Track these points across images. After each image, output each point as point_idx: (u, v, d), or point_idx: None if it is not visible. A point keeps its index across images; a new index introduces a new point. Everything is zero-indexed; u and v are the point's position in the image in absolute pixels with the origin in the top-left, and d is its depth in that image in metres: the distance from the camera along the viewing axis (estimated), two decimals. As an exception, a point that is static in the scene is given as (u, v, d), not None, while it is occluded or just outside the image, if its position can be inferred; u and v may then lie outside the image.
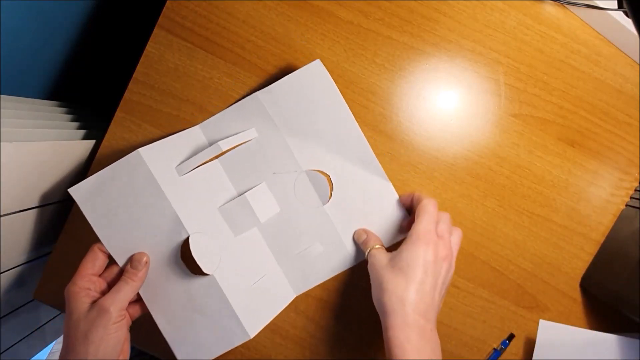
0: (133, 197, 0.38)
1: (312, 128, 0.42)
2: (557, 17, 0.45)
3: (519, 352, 0.48)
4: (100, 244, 0.39)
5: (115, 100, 0.46)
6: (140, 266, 0.38)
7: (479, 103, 0.46)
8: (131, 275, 0.37)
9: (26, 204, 0.44)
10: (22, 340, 0.64)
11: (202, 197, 0.40)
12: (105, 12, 0.72)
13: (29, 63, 0.61)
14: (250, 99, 0.42)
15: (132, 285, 0.37)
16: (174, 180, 0.39)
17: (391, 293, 0.35)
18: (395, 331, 0.33)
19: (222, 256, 0.40)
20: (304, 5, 0.45)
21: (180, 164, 0.40)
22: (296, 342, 0.47)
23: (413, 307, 0.34)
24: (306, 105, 0.42)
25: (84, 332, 0.35)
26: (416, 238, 0.36)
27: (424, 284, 0.35)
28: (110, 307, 0.35)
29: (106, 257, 0.40)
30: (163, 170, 0.38)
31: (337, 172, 0.43)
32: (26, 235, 0.47)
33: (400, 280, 0.35)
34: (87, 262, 0.38)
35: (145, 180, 0.37)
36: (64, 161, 0.46)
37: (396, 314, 0.34)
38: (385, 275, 0.36)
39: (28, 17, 0.56)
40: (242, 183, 0.43)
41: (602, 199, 0.47)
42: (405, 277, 0.35)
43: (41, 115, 0.52)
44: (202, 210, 0.40)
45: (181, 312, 0.39)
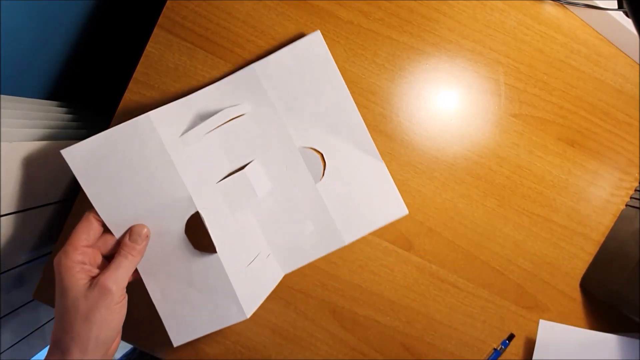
0: (138, 164, 0.35)
1: (307, 104, 0.41)
2: (557, 17, 0.46)
3: (519, 352, 0.48)
4: (95, 213, 0.36)
5: (115, 100, 0.46)
6: (141, 239, 0.35)
7: (479, 103, 0.46)
8: (130, 250, 0.35)
9: (26, 204, 0.44)
10: (22, 340, 0.64)
11: (203, 171, 0.39)
12: (105, 12, 0.72)
13: (29, 63, 0.61)
14: (245, 71, 0.41)
15: (132, 260, 0.35)
16: (181, 150, 0.37)
17: None
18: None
19: (224, 234, 0.38)
20: (304, 5, 0.45)
21: (184, 132, 0.37)
22: (296, 342, 0.47)
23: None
24: (302, 80, 0.41)
25: (84, 312, 0.32)
26: None
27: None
28: (112, 286, 0.33)
29: (101, 226, 0.36)
30: (171, 138, 0.36)
31: (330, 151, 0.43)
32: (26, 235, 0.47)
33: None
34: (80, 232, 0.35)
35: (154, 147, 0.34)
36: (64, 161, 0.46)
37: None
38: None
39: (28, 17, 0.56)
40: (236, 158, 0.42)
41: (602, 199, 0.47)
42: None
43: (41, 115, 0.52)
44: (205, 184, 0.38)
45: (178, 287, 0.38)
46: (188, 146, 0.37)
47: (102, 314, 0.33)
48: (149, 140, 0.34)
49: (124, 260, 0.34)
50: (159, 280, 0.38)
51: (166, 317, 0.38)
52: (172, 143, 0.36)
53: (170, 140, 0.36)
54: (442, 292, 0.47)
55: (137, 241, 0.35)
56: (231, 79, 0.41)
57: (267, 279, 0.43)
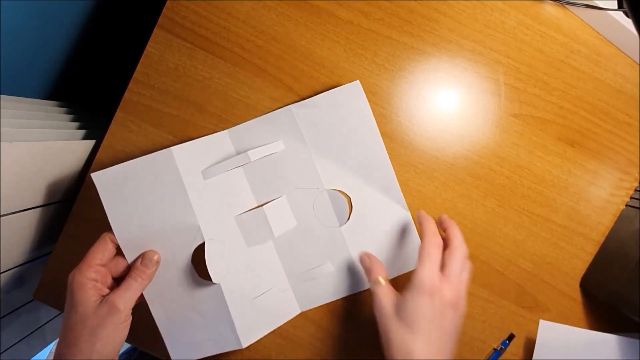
0: (156, 194, 0.37)
1: (340, 148, 0.43)
2: (557, 17, 0.46)
3: (519, 352, 0.48)
4: (111, 234, 0.38)
5: (115, 100, 0.46)
6: (151, 264, 0.37)
7: (479, 103, 0.46)
8: (141, 273, 0.37)
9: (26, 204, 0.44)
10: (22, 340, 0.64)
11: (222, 204, 0.41)
12: (105, 12, 0.72)
13: (29, 63, 0.61)
14: (282, 111, 0.43)
15: (141, 283, 0.36)
16: (199, 183, 0.39)
17: (398, 346, 0.34)
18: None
19: (232, 265, 0.40)
20: (304, 5, 0.45)
21: (207, 168, 0.40)
22: (296, 343, 0.47)
23: (422, 357, 0.33)
24: (338, 125, 0.42)
25: (91, 328, 0.34)
26: (419, 288, 0.35)
27: (429, 335, 0.34)
28: (121, 305, 0.34)
29: (115, 248, 0.39)
30: (190, 172, 0.38)
31: (358, 195, 0.44)
32: (26, 235, 0.47)
33: (405, 332, 0.34)
34: (96, 252, 0.37)
35: (172, 180, 0.37)
36: (64, 161, 0.46)
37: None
38: (391, 325, 0.35)
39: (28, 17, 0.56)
40: (263, 194, 0.43)
41: (602, 199, 0.47)
42: (411, 329, 0.34)
43: (41, 115, 0.52)
44: (220, 216, 0.40)
45: (180, 310, 0.39)
46: (209, 178, 0.39)
47: (108, 330, 0.34)
48: (168, 172, 0.37)
49: (133, 282, 0.36)
50: (162, 301, 0.39)
51: (167, 335, 0.40)
52: (191, 176, 0.38)
53: (189, 173, 0.38)
54: (442, 292, 0.47)
55: (148, 266, 0.37)
56: (267, 117, 0.43)
57: (278, 313, 0.44)
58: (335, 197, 0.43)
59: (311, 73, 0.45)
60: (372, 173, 0.43)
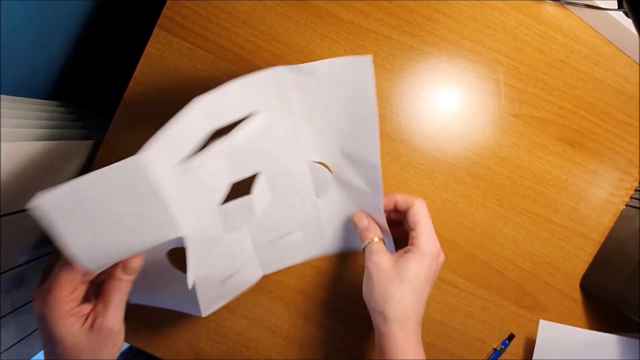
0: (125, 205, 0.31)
1: (329, 123, 0.38)
2: (557, 17, 0.46)
3: (519, 352, 0.48)
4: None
5: (115, 100, 0.46)
6: (134, 271, 0.33)
7: (479, 103, 0.46)
8: (124, 282, 0.33)
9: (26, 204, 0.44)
10: (22, 340, 0.64)
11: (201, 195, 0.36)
12: (105, 12, 0.72)
13: (29, 63, 0.61)
14: (268, 75, 0.35)
15: (126, 292, 0.34)
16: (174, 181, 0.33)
17: (397, 302, 0.36)
18: (399, 340, 0.35)
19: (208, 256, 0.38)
20: (304, 5, 0.45)
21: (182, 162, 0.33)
22: (296, 342, 0.47)
23: (417, 317, 0.37)
24: (333, 100, 0.37)
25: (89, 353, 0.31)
26: (424, 252, 0.37)
27: (424, 293, 0.37)
28: (116, 326, 0.32)
29: (81, 270, 0.32)
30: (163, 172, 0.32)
31: (337, 170, 0.42)
32: (26, 235, 0.47)
33: (406, 291, 0.36)
34: (63, 284, 0.31)
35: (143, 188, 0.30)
36: (64, 161, 0.46)
37: (401, 323, 0.36)
38: (391, 282, 0.37)
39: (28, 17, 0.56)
40: (238, 169, 0.38)
41: (602, 199, 0.47)
42: (412, 288, 0.36)
43: (41, 115, 0.52)
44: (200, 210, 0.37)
45: (148, 278, 0.36)
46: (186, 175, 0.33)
47: (110, 351, 0.33)
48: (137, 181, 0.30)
49: (118, 294, 0.33)
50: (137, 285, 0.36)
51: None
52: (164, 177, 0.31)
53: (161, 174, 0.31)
54: (442, 292, 0.47)
55: (130, 273, 0.33)
56: (248, 82, 0.35)
57: (242, 282, 0.43)
58: (317, 169, 0.41)
59: (311, 73, 0.45)
60: (357, 153, 0.40)
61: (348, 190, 0.43)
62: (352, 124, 0.38)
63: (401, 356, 0.35)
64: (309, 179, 0.42)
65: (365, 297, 0.38)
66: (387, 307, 0.36)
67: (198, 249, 0.35)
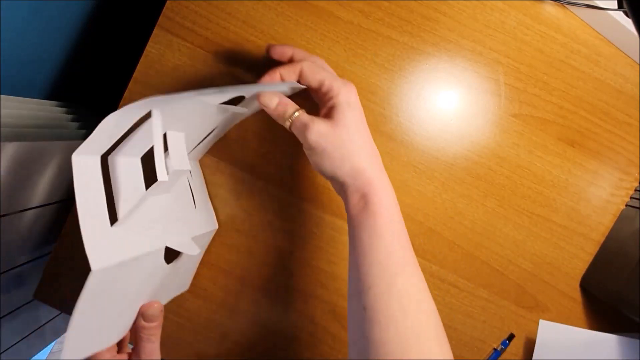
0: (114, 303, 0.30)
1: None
2: (557, 17, 0.45)
3: (519, 352, 0.48)
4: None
5: (115, 100, 0.46)
6: (157, 317, 0.33)
7: (479, 103, 0.46)
8: (152, 330, 0.33)
9: (26, 204, 0.44)
10: (22, 340, 0.64)
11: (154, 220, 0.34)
12: (105, 12, 0.72)
13: (29, 63, 0.61)
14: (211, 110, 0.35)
15: (157, 340, 0.33)
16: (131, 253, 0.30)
17: (360, 149, 0.33)
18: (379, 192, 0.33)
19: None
20: (304, 5, 0.45)
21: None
22: (296, 342, 0.47)
23: (379, 160, 0.34)
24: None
25: None
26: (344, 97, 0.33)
27: (368, 132, 0.35)
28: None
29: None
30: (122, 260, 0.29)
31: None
32: (26, 235, 0.47)
33: (360, 136, 0.33)
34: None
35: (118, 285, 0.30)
36: (64, 161, 0.46)
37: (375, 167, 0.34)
38: (343, 138, 0.33)
39: (28, 17, 0.56)
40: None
41: (602, 199, 0.47)
42: (361, 131, 0.34)
43: (41, 115, 0.52)
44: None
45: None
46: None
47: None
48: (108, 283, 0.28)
49: (147, 345, 0.32)
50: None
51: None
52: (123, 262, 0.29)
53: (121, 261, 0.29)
54: (442, 292, 0.47)
55: (154, 319, 0.33)
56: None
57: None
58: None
59: (311, 73, 0.45)
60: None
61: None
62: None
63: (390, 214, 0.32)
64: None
65: (324, 170, 0.34)
66: (354, 158, 0.33)
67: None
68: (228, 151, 0.46)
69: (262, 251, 0.47)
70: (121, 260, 0.28)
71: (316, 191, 0.46)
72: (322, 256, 0.47)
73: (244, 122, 0.46)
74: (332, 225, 0.46)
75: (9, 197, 0.40)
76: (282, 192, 0.46)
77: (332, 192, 0.46)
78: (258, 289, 0.47)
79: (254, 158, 0.46)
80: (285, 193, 0.46)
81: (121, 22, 0.79)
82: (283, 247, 0.47)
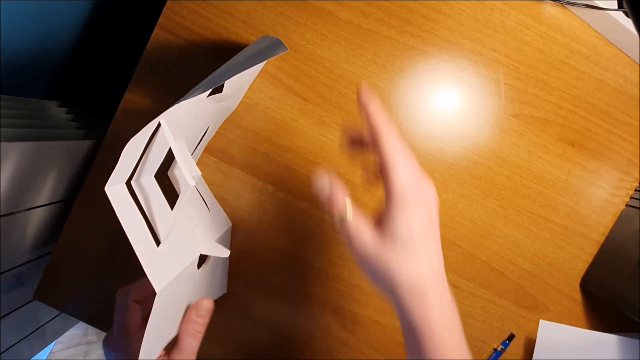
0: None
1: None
2: (557, 17, 0.45)
3: (519, 352, 0.48)
4: (130, 292, 0.34)
5: (115, 100, 0.46)
6: (208, 313, 0.33)
7: (479, 103, 0.46)
8: (198, 327, 0.32)
9: (26, 204, 0.44)
10: (22, 340, 0.64)
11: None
12: (105, 12, 0.72)
13: (29, 63, 0.61)
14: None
15: (200, 338, 0.32)
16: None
17: (405, 270, 0.26)
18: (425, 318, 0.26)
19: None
20: (304, 5, 0.45)
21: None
22: (296, 342, 0.47)
23: (431, 279, 0.27)
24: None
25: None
26: (405, 200, 0.26)
27: (432, 243, 0.27)
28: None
29: (140, 307, 0.34)
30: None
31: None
32: (26, 235, 0.47)
33: (407, 252, 0.26)
34: (127, 320, 0.33)
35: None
36: (64, 161, 0.46)
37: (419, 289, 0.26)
38: (386, 255, 0.27)
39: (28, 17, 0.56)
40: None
41: (602, 199, 0.47)
42: (414, 244, 0.27)
43: (41, 115, 0.52)
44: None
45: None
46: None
47: None
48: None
49: (192, 341, 0.32)
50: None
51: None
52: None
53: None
54: (442, 292, 0.47)
55: (204, 317, 0.33)
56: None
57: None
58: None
59: (311, 73, 0.45)
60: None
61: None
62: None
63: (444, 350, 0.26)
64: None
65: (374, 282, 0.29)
66: (395, 280, 0.26)
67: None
68: (228, 151, 0.46)
69: (262, 251, 0.47)
70: (174, 276, 0.30)
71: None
72: (323, 256, 0.47)
73: (244, 122, 0.46)
74: (332, 225, 0.46)
75: (9, 197, 0.40)
76: (282, 192, 0.46)
77: (332, 192, 0.46)
78: (258, 289, 0.47)
79: (254, 158, 0.46)
80: (285, 193, 0.46)
81: (121, 22, 0.79)
82: (283, 247, 0.47)
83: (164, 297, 0.29)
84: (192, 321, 0.32)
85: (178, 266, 0.31)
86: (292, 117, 0.46)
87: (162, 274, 0.29)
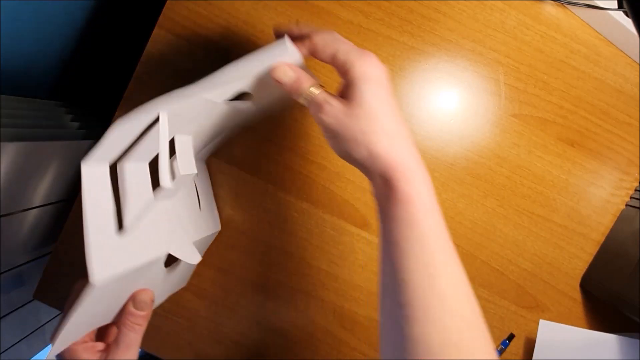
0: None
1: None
2: (557, 17, 0.45)
3: (519, 352, 0.48)
4: None
5: (115, 100, 0.46)
6: (147, 306, 0.31)
7: (479, 103, 0.46)
8: (137, 319, 0.31)
9: (26, 204, 0.44)
10: (22, 340, 0.64)
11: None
12: (105, 12, 0.72)
13: (29, 63, 0.61)
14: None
15: (140, 331, 0.31)
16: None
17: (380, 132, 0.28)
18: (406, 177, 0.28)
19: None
20: (304, 5, 0.45)
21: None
22: (296, 342, 0.47)
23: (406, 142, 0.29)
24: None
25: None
26: (363, 72, 0.29)
27: (396, 110, 0.29)
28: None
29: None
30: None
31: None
32: (26, 235, 0.47)
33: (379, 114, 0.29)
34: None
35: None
36: (64, 161, 0.46)
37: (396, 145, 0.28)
38: (359, 118, 0.28)
39: (28, 17, 0.56)
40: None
41: (602, 199, 0.47)
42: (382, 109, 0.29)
43: (41, 115, 0.52)
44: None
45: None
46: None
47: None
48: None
49: (130, 333, 0.31)
50: None
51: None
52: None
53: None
54: (442, 292, 0.47)
55: (143, 308, 0.31)
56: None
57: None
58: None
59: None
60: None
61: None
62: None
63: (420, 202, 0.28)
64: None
65: (343, 155, 0.30)
66: (372, 141, 0.28)
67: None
68: (228, 151, 0.46)
69: (262, 251, 0.47)
70: (122, 271, 0.27)
71: (316, 191, 0.46)
72: (323, 256, 0.47)
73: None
74: (332, 225, 0.46)
75: (9, 197, 0.40)
76: (282, 192, 0.46)
77: (332, 192, 0.46)
78: (258, 289, 0.47)
79: (254, 158, 0.46)
80: (285, 193, 0.46)
81: (121, 22, 0.79)
82: (283, 247, 0.47)
83: (101, 292, 0.26)
84: (130, 313, 0.31)
85: (133, 261, 0.29)
86: (292, 117, 0.46)
87: (106, 265, 0.26)
